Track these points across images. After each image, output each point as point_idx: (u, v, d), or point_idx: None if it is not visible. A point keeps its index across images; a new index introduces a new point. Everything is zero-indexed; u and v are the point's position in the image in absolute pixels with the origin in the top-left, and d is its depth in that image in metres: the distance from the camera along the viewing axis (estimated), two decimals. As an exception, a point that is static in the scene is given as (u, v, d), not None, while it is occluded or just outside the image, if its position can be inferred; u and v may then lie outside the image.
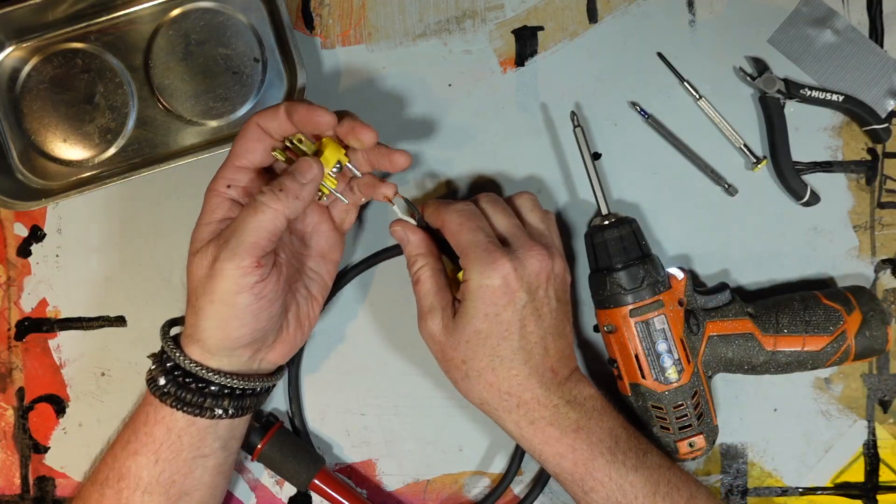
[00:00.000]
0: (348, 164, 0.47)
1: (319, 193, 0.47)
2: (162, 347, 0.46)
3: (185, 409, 0.44)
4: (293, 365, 0.54)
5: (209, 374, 0.45)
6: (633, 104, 0.54)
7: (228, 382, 0.45)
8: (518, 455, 0.53)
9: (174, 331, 0.48)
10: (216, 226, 0.44)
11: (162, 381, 0.45)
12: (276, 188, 0.42)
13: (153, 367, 0.46)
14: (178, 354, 0.45)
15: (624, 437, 0.46)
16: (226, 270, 0.42)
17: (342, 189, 0.49)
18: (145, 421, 0.45)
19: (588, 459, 0.45)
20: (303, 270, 0.49)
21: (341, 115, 0.45)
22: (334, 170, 0.46)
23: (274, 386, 0.49)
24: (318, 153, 0.46)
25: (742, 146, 0.54)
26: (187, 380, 0.45)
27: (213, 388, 0.45)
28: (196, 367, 0.44)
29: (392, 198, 0.48)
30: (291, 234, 0.49)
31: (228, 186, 0.45)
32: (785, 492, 0.54)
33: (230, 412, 0.45)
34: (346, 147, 0.46)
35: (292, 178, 0.43)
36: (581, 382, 0.48)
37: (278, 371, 0.49)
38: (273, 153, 0.45)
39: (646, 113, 0.53)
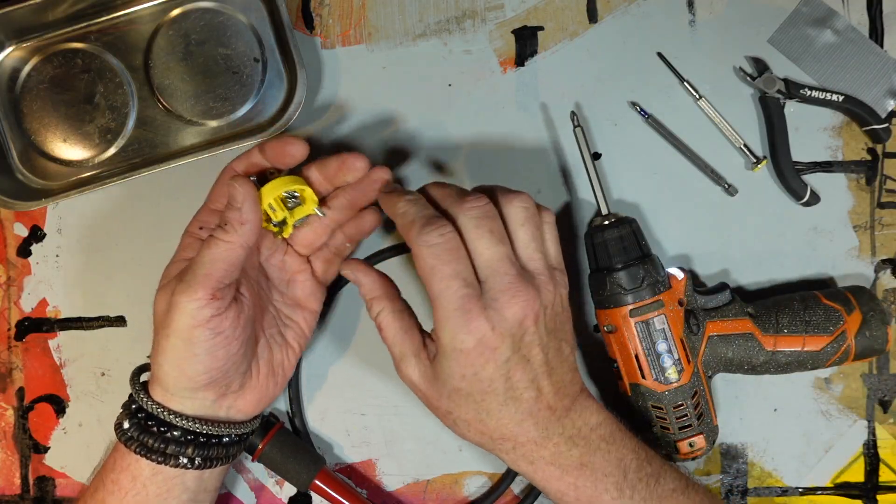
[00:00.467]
0: (314, 210, 0.46)
1: (279, 228, 0.47)
2: (130, 392, 0.46)
3: (148, 455, 0.43)
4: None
5: (170, 417, 0.43)
6: (633, 104, 0.54)
7: (191, 426, 0.43)
8: None
9: (144, 376, 0.47)
10: (183, 264, 0.44)
11: (126, 425, 0.44)
12: (221, 222, 0.42)
13: (121, 410, 0.45)
14: (141, 395, 0.44)
15: (634, 467, 0.43)
16: (181, 303, 0.41)
17: (328, 240, 0.49)
18: (112, 468, 0.44)
19: (592, 496, 0.43)
20: (278, 316, 0.48)
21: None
22: (286, 197, 0.45)
23: (246, 437, 0.47)
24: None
25: (742, 146, 0.54)
26: (149, 423, 0.43)
27: (175, 432, 0.43)
28: (158, 408, 0.43)
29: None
30: (261, 274, 0.48)
31: (200, 228, 0.46)
32: (785, 492, 0.54)
33: (196, 462, 0.43)
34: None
35: (230, 207, 0.42)
36: (586, 411, 0.44)
37: (251, 421, 0.47)
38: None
39: (646, 113, 0.53)
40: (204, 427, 0.44)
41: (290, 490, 0.55)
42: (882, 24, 0.54)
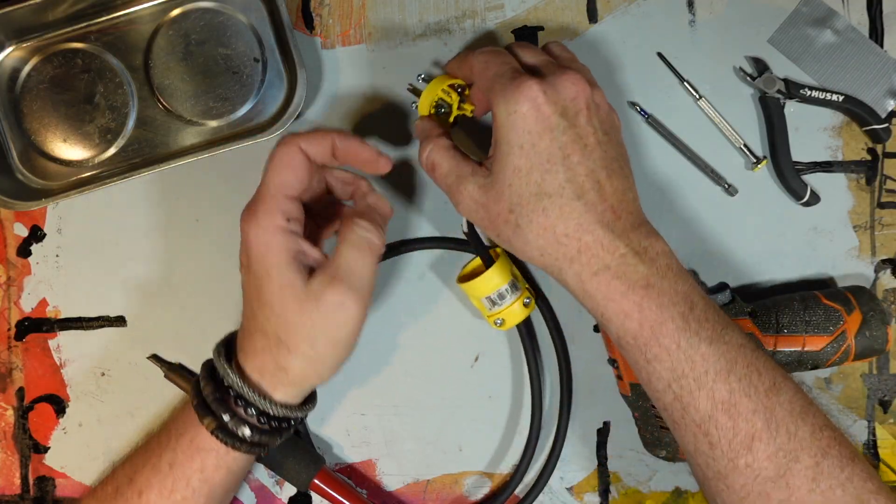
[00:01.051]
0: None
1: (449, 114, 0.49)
2: (231, 391, 0.42)
3: (235, 446, 0.42)
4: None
5: (294, 413, 0.43)
6: (633, 104, 0.54)
7: (284, 414, 0.43)
8: (526, 460, 0.53)
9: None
10: (296, 263, 0.42)
11: (247, 432, 0.42)
12: (377, 222, 0.43)
13: (226, 418, 0.42)
14: (266, 402, 0.42)
15: (701, 306, 0.40)
16: (349, 309, 0.41)
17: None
18: (201, 468, 0.43)
19: (656, 322, 0.40)
20: None
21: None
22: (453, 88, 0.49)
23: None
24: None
25: (742, 146, 0.54)
26: (273, 424, 0.42)
27: (273, 423, 0.43)
28: (285, 409, 0.42)
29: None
30: None
31: (288, 220, 0.42)
32: (785, 492, 0.54)
33: (267, 447, 0.44)
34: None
35: (379, 217, 0.44)
36: (652, 235, 0.42)
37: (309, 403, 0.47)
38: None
39: (646, 113, 0.53)
40: (292, 413, 0.43)
41: (290, 490, 0.55)
42: (882, 24, 0.54)
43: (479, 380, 0.55)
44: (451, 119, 0.49)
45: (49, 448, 0.55)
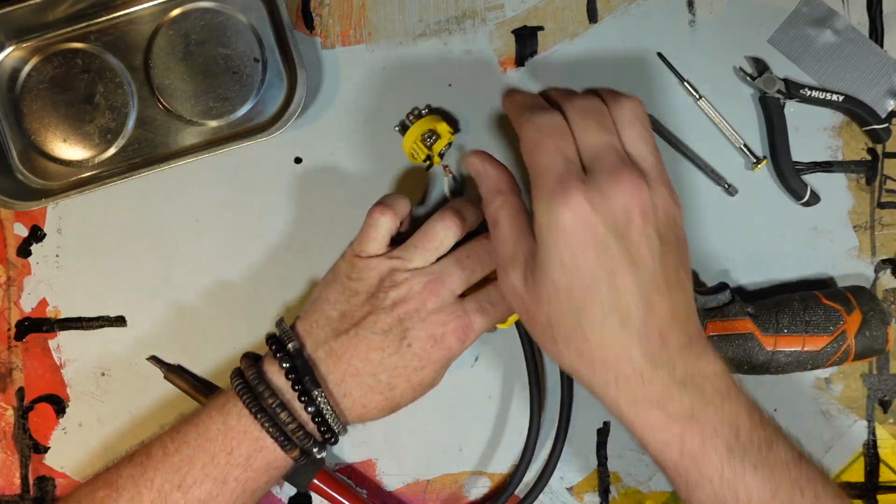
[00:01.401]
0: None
1: (430, 162, 0.51)
2: (316, 408, 0.44)
3: (294, 456, 0.44)
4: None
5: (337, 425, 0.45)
6: None
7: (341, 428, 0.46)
8: (525, 460, 0.53)
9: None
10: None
11: (323, 454, 0.46)
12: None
13: (315, 450, 0.45)
14: (323, 406, 0.44)
15: (747, 429, 0.37)
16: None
17: None
18: (268, 481, 0.45)
19: (698, 453, 0.37)
20: None
21: None
22: (426, 137, 0.51)
23: None
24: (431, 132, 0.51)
25: (742, 146, 0.54)
26: (316, 420, 0.44)
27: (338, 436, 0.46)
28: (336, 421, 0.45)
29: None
30: None
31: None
32: (785, 492, 0.54)
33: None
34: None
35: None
36: (703, 356, 0.38)
37: None
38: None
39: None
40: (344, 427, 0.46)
41: (289, 490, 0.55)
42: (882, 24, 0.54)
43: (479, 380, 0.55)
44: (427, 167, 0.52)
45: (49, 448, 0.55)
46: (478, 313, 0.45)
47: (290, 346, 0.44)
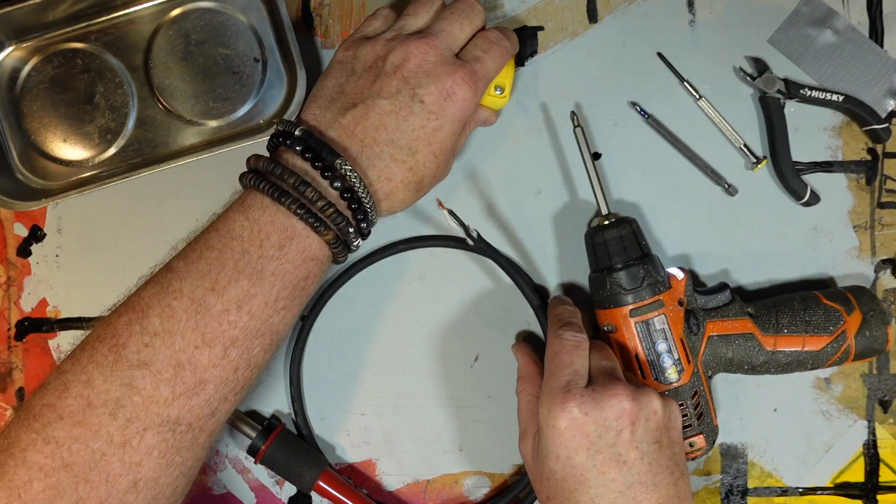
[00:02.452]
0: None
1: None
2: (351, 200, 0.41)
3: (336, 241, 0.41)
4: (294, 364, 0.54)
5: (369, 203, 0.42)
6: (633, 104, 0.54)
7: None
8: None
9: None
10: None
11: (360, 242, 0.42)
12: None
13: (350, 231, 0.41)
14: (358, 187, 0.41)
15: None
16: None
17: None
18: (306, 276, 0.40)
19: None
20: None
21: None
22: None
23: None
24: None
25: (742, 146, 0.54)
26: (368, 231, 0.43)
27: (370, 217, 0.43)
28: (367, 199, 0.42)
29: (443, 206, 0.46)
30: None
31: None
32: (785, 492, 0.54)
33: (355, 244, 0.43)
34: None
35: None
36: None
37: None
38: None
39: (645, 113, 0.53)
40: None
41: (290, 490, 0.55)
42: (882, 24, 0.54)
43: (479, 380, 0.55)
44: (509, 93, 0.50)
45: (49, 448, 0.55)
46: (476, 61, 0.45)
47: (296, 131, 0.41)
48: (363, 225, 0.42)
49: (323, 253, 0.41)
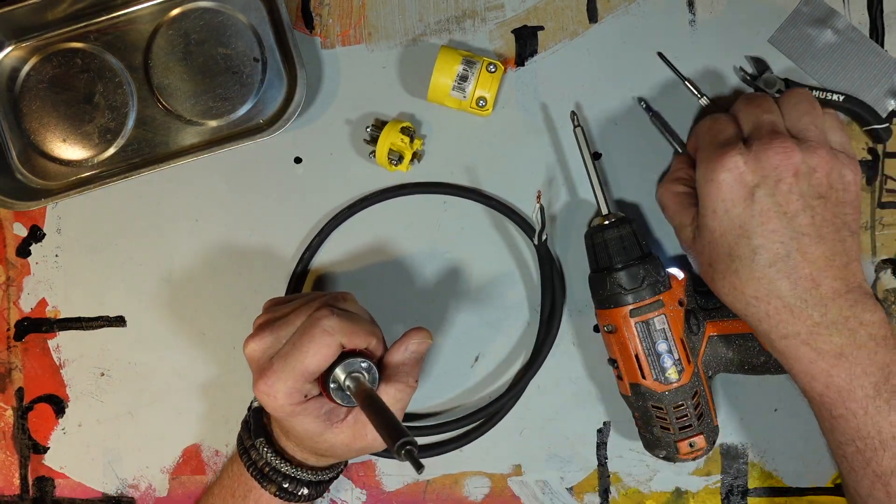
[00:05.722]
0: None
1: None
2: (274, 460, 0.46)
3: (319, 496, 0.48)
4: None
5: (341, 465, 0.50)
6: (640, 99, 0.54)
7: (313, 478, 0.47)
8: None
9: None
10: (319, 420, 0.44)
11: (305, 491, 0.47)
12: (411, 375, 0.45)
13: (285, 485, 0.46)
14: (315, 474, 0.47)
15: None
16: (376, 444, 0.46)
17: None
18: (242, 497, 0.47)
19: (844, 389, 0.41)
20: None
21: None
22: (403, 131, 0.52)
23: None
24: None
25: (742, 146, 0.54)
26: (325, 477, 0.48)
27: (340, 470, 0.50)
28: (332, 469, 0.48)
29: None
30: None
31: (306, 396, 0.43)
32: (785, 492, 0.54)
33: (310, 495, 0.48)
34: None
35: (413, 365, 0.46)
36: (860, 305, 0.41)
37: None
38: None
39: (651, 109, 0.53)
40: (340, 465, 0.49)
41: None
42: (883, 24, 0.54)
43: (479, 380, 0.55)
44: (408, 162, 0.52)
45: (48, 448, 0.55)
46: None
47: (253, 403, 0.50)
48: (307, 476, 0.47)
49: (274, 502, 0.47)
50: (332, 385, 0.41)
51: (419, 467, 0.35)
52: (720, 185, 0.42)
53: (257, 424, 0.48)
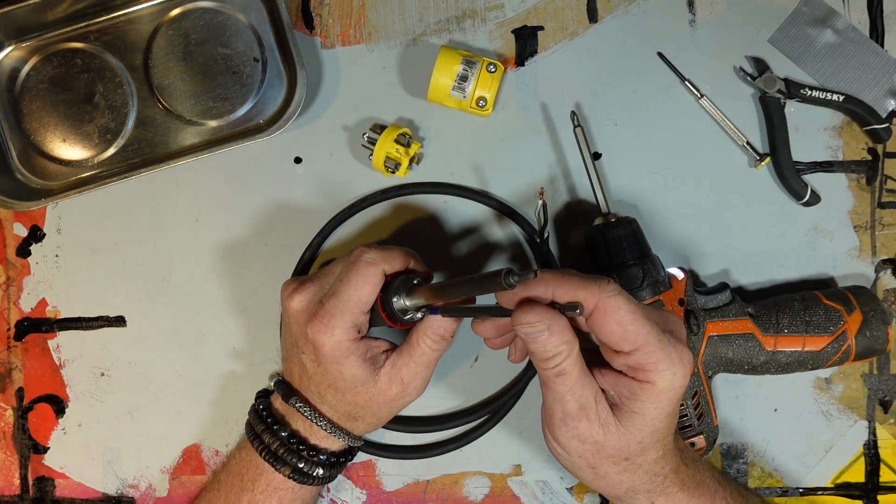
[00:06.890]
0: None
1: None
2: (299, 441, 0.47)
3: (298, 479, 0.46)
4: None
5: (356, 443, 0.48)
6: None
7: (336, 454, 0.48)
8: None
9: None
10: (367, 363, 0.45)
11: (320, 472, 0.47)
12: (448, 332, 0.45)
13: (301, 465, 0.46)
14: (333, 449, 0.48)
15: (724, 481, 0.45)
16: (410, 397, 0.47)
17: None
18: (251, 488, 0.47)
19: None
20: None
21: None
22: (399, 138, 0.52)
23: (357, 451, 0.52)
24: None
25: (745, 144, 0.54)
26: (340, 459, 0.48)
27: (354, 453, 0.50)
28: (349, 447, 0.49)
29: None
30: None
31: (359, 330, 0.44)
32: (785, 492, 0.54)
33: (328, 477, 0.48)
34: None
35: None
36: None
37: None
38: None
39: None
40: (355, 443, 0.48)
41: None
42: (882, 24, 0.54)
43: (479, 380, 0.55)
44: (405, 168, 0.52)
45: (48, 448, 0.55)
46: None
47: (271, 380, 0.50)
48: (322, 457, 0.47)
49: (287, 484, 0.47)
50: (394, 300, 0.43)
51: (535, 271, 0.36)
52: (683, 387, 0.40)
53: (288, 389, 0.47)
